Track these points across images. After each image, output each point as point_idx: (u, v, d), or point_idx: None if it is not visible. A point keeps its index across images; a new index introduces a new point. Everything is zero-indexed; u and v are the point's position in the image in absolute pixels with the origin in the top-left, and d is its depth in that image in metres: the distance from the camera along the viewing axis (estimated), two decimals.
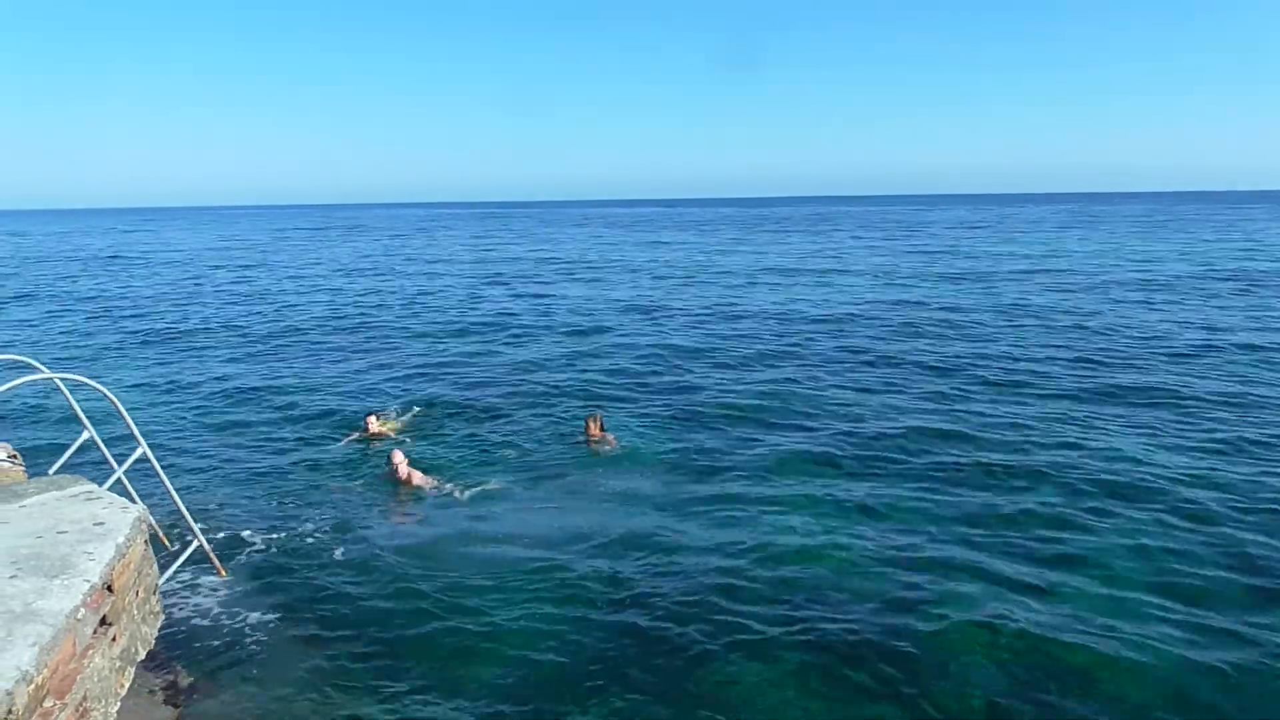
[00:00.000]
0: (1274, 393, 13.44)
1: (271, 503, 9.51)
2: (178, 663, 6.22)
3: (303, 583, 7.53)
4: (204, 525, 7.67)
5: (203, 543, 7.22)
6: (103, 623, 3.63)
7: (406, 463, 9.90)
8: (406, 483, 9.75)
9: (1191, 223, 72.82)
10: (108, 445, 7.27)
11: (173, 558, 7.02)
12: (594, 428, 11.38)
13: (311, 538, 8.49)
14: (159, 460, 6.92)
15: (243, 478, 10.36)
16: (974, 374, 15.23)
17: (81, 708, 3.29)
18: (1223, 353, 16.65)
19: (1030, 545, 7.97)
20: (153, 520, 7.04)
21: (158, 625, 4.34)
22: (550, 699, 5.79)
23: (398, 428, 12.35)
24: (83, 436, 6.79)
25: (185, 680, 6.04)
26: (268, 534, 8.55)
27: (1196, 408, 12.61)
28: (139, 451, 6.58)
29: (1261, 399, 13.03)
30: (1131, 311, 22.50)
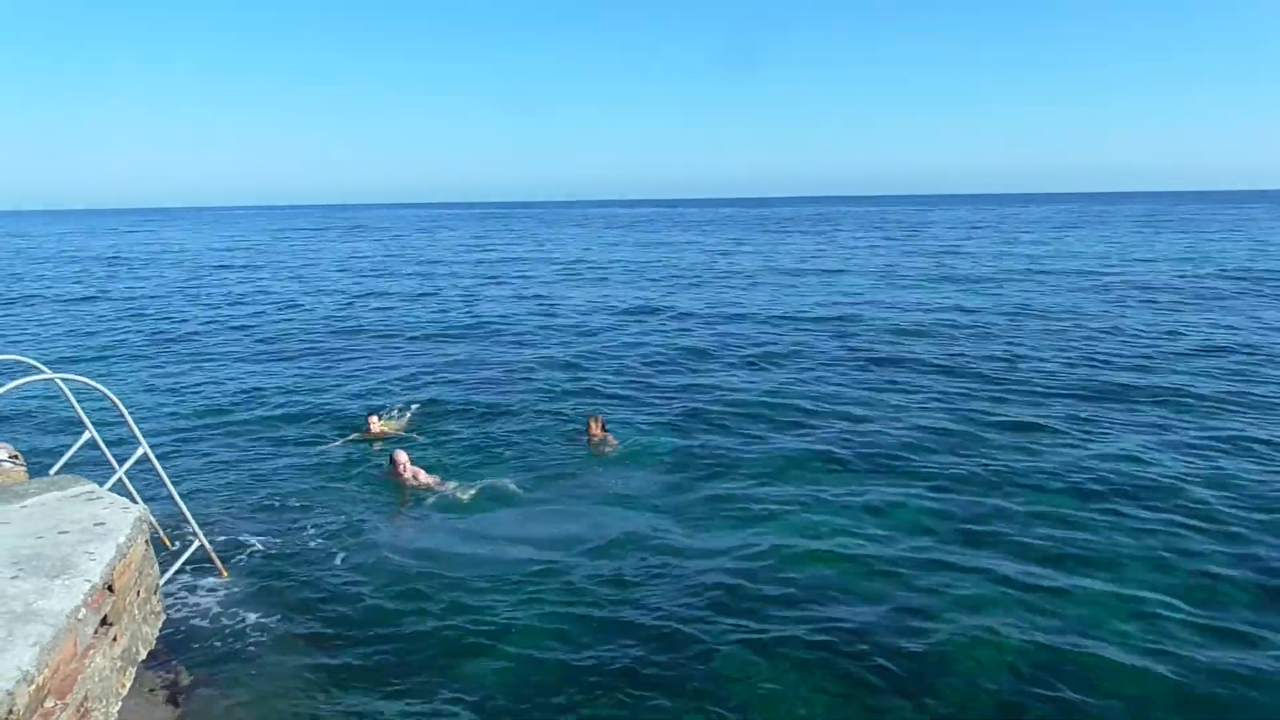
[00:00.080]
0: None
1: (273, 503, 9.49)
2: (178, 663, 6.20)
3: (304, 583, 7.51)
4: (205, 525, 7.64)
5: (204, 543, 7.20)
6: (104, 623, 3.61)
7: (409, 461, 9.88)
8: (410, 481, 9.73)
9: (1193, 222, 72.87)
10: (109, 445, 7.26)
11: (173, 558, 7.00)
12: (595, 428, 11.37)
13: (313, 538, 8.46)
14: (160, 460, 6.91)
15: (244, 478, 10.34)
16: (978, 374, 15.21)
17: (83, 708, 3.27)
18: (1228, 352, 16.62)
19: (1036, 545, 7.95)
20: (153, 520, 7.03)
21: (158, 625, 4.32)
22: (552, 699, 5.77)
23: (399, 428, 12.34)
24: (84, 437, 6.78)
25: (186, 680, 6.02)
26: (268, 534, 8.52)
27: (1202, 408, 12.58)
28: (140, 452, 6.56)
29: (1267, 399, 13.01)
30: (1135, 311, 22.48)
